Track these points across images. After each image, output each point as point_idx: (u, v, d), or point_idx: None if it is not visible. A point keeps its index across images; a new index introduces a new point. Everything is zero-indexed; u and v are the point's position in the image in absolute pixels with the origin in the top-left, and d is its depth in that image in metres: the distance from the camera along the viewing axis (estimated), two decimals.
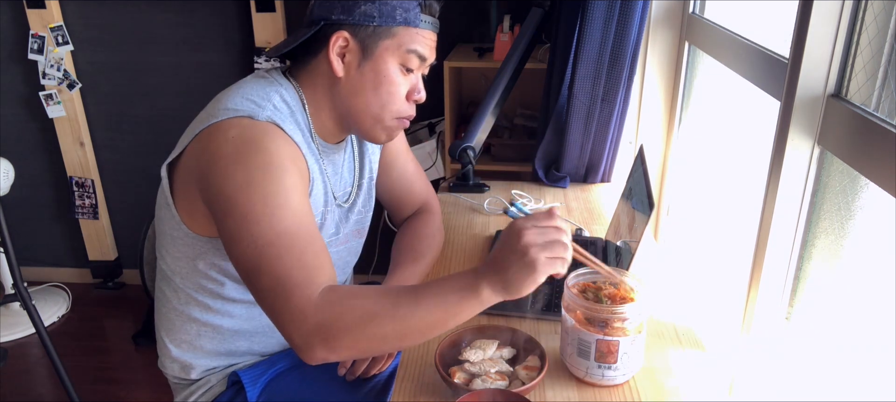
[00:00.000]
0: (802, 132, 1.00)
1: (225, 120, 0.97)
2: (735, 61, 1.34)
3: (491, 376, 0.98)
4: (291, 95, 1.07)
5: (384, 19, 1.02)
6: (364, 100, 1.07)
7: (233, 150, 0.95)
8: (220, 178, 0.94)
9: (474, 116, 1.73)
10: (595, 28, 1.54)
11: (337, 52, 1.03)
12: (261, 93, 1.03)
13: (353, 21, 1.02)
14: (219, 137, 0.97)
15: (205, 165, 0.97)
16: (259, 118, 0.98)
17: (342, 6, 1.02)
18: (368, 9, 1.01)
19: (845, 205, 0.97)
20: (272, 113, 1.00)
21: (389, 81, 1.06)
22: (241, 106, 0.99)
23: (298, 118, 1.06)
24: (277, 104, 1.03)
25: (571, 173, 1.78)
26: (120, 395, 2.25)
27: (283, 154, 0.97)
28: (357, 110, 1.08)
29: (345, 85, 1.06)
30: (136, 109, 2.63)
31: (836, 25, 0.93)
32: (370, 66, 1.04)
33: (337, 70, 1.04)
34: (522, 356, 1.04)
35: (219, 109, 1.00)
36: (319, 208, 1.11)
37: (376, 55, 1.04)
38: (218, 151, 0.96)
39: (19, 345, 2.51)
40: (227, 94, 1.04)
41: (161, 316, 1.18)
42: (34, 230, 2.86)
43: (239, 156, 0.94)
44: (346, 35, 1.02)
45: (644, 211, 1.13)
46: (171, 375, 1.20)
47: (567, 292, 1.00)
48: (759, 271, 1.08)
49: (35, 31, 2.47)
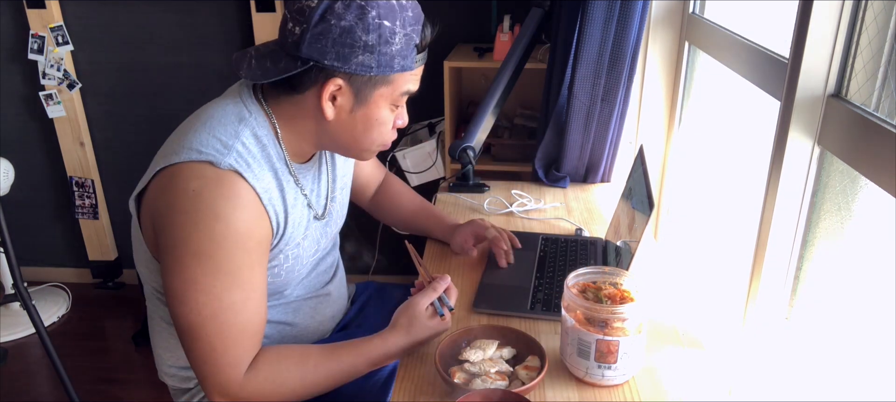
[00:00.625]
0: (802, 132, 1.00)
1: (187, 165, 0.93)
2: (735, 61, 1.34)
3: (491, 376, 0.98)
4: (264, 127, 1.02)
5: (382, 69, 0.97)
6: (353, 138, 1.04)
7: (191, 208, 0.92)
8: (174, 235, 0.93)
9: (474, 116, 1.73)
10: (595, 28, 1.54)
11: (328, 98, 0.98)
12: (230, 130, 0.97)
13: (349, 70, 0.95)
14: (178, 185, 0.93)
15: (162, 212, 0.95)
16: (221, 166, 0.93)
17: (337, 53, 0.93)
18: (366, 59, 0.95)
19: (845, 205, 0.97)
20: (236, 159, 0.95)
21: (380, 122, 1.03)
22: (205, 148, 0.94)
23: (271, 152, 1.02)
24: (246, 144, 0.98)
25: (571, 173, 1.78)
26: (120, 395, 2.25)
27: (241, 225, 0.94)
28: (343, 144, 1.06)
29: (333, 125, 1.02)
30: (136, 109, 2.62)
31: (836, 25, 0.93)
32: (362, 112, 1.01)
33: (328, 114, 0.99)
34: (522, 355, 1.04)
35: (183, 146, 0.95)
36: (298, 236, 1.09)
37: (371, 102, 1.00)
38: (176, 203, 0.93)
39: (19, 345, 2.51)
40: (194, 125, 0.99)
41: (153, 327, 1.19)
42: (34, 230, 2.86)
43: (196, 219, 0.92)
44: (340, 82, 0.96)
45: (644, 211, 1.13)
46: (170, 384, 1.22)
47: (567, 292, 1.00)
48: (758, 270, 1.08)
49: (35, 31, 2.46)
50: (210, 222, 0.92)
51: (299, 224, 1.08)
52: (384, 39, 0.94)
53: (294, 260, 1.10)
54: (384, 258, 2.63)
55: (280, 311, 1.17)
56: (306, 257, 1.14)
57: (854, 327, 0.97)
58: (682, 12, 1.73)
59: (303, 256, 1.12)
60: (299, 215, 1.08)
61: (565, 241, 1.44)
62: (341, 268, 1.35)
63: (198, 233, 0.92)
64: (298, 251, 1.10)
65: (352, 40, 0.93)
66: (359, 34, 0.93)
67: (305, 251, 1.13)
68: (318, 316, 1.24)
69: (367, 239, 2.56)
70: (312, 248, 1.15)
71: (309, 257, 1.15)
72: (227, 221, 0.93)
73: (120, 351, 2.49)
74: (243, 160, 0.96)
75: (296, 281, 1.16)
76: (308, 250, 1.14)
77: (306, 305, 1.21)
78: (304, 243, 1.12)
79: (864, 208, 0.94)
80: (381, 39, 0.94)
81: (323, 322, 1.26)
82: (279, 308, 1.17)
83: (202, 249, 0.92)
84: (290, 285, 1.15)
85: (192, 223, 0.92)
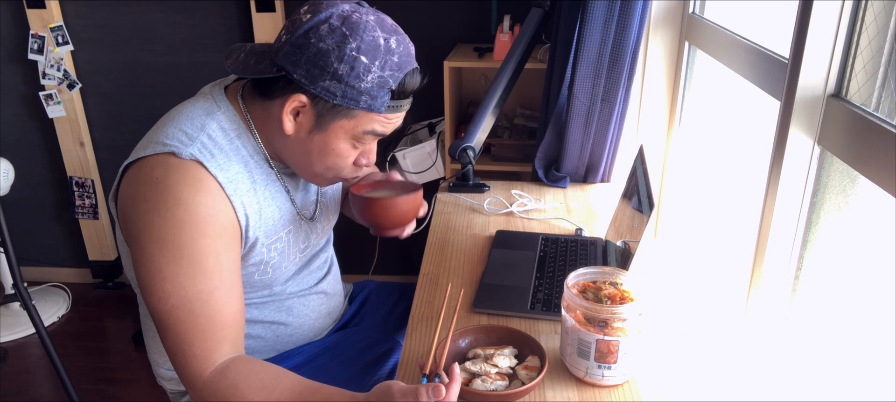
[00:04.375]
0: (802, 132, 1.00)
1: (151, 157, 0.95)
2: (735, 61, 1.34)
3: (491, 376, 0.98)
4: (234, 120, 1.02)
5: (346, 102, 0.96)
6: (307, 160, 1.03)
7: (152, 195, 0.93)
8: (138, 223, 0.94)
9: (474, 116, 1.73)
10: (595, 28, 1.54)
11: (290, 111, 0.98)
12: (196, 123, 0.99)
13: (314, 91, 0.95)
14: (144, 175, 0.95)
15: (128, 204, 0.97)
16: (183, 156, 0.94)
17: (307, 71, 0.94)
18: (332, 86, 0.95)
19: (845, 205, 0.97)
20: (199, 149, 0.96)
21: (336, 154, 1.02)
22: (169, 140, 0.96)
23: (242, 143, 1.02)
24: (212, 136, 0.99)
25: (571, 173, 1.78)
26: (120, 395, 2.25)
27: (202, 211, 0.94)
28: (297, 162, 1.06)
29: (292, 141, 1.02)
30: (136, 109, 2.62)
31: (836, 25, 0.93)
32: (320, 137, 1.00)
33: (287, 128, 0.99)
34: (523, 355, 1.04)
35: (150, 141, 0.98)
36: (279, 231, 1.08)
37: (329, 130, 0.99)
38: (139, 192, 0.95)
39: (19, 345, 2.51)
40: (164, 121, 1.01)
41: (147, 331, 1.19)
42: (34, 230, 2.85)
43: (158, 205, 0.93)
44: (303, 100, 0.96)
45: (644, 211, 1.13)
46: (167, 388, 1.22)
47: (567, 292, 1.00)
48: (759, 270, 1.08)
49: (35, 31, 2.46)
50: (171, 208, 0.93)
51: (278, 218, 1.08)
52: (356, 74, 0.94)
53: (280, 256, 1.10)
54: (383, 257, 2.63)
55: (273, 309, 1.17)
56: (294, 252, 1.14)
57: (854, 326, 0.97)
58: (682, 12, 1.73)
59: (289, 252, 1.12)
60: (278, 209, 1.08)
61: (565, 241, 1.44)
62: (335, 265, 1.34)
63: (159, 219, 0.93)
64: (284, 247, 1.10)
65: (323, 63, 0.93)
66: (332, 60, 0.93)
67: (292, 247, 1.13)
68: (313, 314, 1.24)
69: (366, 238, 2.56)
70: (301, 244, 1.15)
71: (297, 253, 1.15)
72: (187, 206, 0.93)
73: (120, 351, 2.49)
74: (207, 151, 0.97)
75: (285, 277, 1.15)
76: (296, 246, 1.14)
77: (299, 303, 1.21)
78: (290, 238, 1.11)
79: (864, 208, 0.94)
80: (352, 73, 0.94)
81: (318, 320, 1.25)
82: (272, 306, 1.16)
83: (165, 235, 0.93)
84: (279, 281, 1.15)
85: (153, 209, 0.93)
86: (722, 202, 1.53)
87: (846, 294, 0.99)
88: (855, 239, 0.96)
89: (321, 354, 1.23)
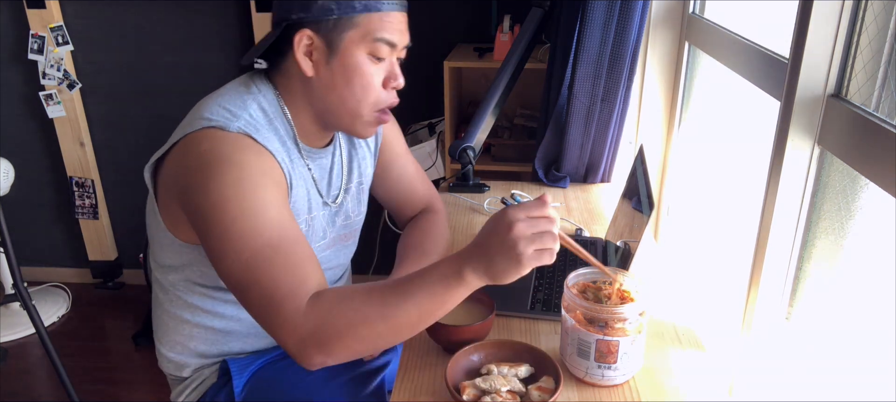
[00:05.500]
0: (802, 132, 0.99)
1: (199, 131, 0.97)
2: (735, 61, 1.34)
3: (502, 394, 0.94)
4: (271, 102, 1.05)
5: (343, 10, 0.98)
6: (338, 96, 1.04)
7: (205, 164, 0.94)
8: (196, 194, 0.94)
9: (474, 116, 1.73)
10: (595, 28, 1.54)
11: (303, 52, 1.00)
12: (237, 102, 1.01)
13: (313, 17, 0.98)
14: (192, 150, 0.97)
15: (182, 179, 0.97)
16: (231, 129, 0.97)
17: (300, 4, 0.98)
18: (325, 3, 0.97)
19: (845, 205, 0.97)
20: (245, 124, 0.98)
21: (360, 73, 1.02)
22: (215, 116, 0.98)
23: (277, 125, 1.05)
24: (253, 113, 1.01)
25: (571, 173, 1.78)
26: (120, 395, 2.25)
27: (254, 167, 0.95)
28: (333, 107, 1.06)
29: (317, 83, 1.03)
30: (136, 109, 2.63)
31: (836, 25, 0.93)
32: (338, 61, 1.01)
33: (306, 70, 1.01)
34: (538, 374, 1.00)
35: (195, 118, 0.99)
36: (303, 213, 1.09)
37: (342, 49, 1.00)
38: (192, 165, 0.96)
39: (19, 345, 2.51)
40: (206, 102, 1.03)
41: (156, 317, 1.19)
42: (34, 230, 2.86)
43: (211, 172, 0.93)
44: (309, 33, 0.99)
45: (644, 211, 1.13)
46: (167, 372, 1.23)
47: (567, 292, 1.00)
48: (759, 271, 1.08)
49: (35, 31, 2.47)
50: (225, 169, 0.93)
51: (303, 200, 1.09)
52: None
53: None
54: (383, 257, 2.63)
55: None
56: (315, 239, 1.14)
57: (854, 327, 0.97)
58: (682, 12, 1.73)
59: (311, 237, 1.12)
60: (305, 192, 1.09)
61: None
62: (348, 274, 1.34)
63: (215, 182, 0.93)
64: (306, 229, 1.11)
65: None
66: None
67: (314, 234, 1.13)
68: None
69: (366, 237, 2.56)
70: (321, 232, 1.16)
71: (317, 242, 1.15)
72: (240, 165, 0.94)
73: (120, 351, 2.50)
74: (252, 126, 1.00)
75: None
76: (316, 235, 1.14)
77: None
78: (313, 224, 1.12)
79: (864, 208, 0.94)
80: None
81: None
82: None
83: (223, 196, 0.92)
84: None
85: (208, 176, 0.93)
86: (722, 202, 1.53)
87: (846, 294, 0.99)
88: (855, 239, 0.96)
89: None
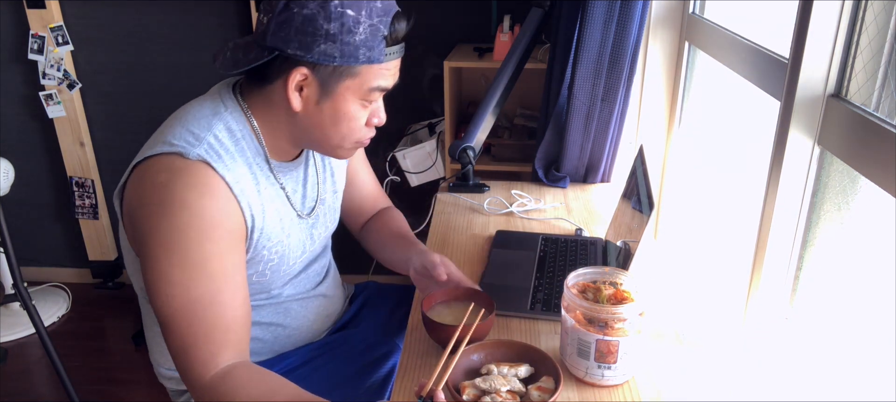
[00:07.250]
0: (802, 132, 1.00)
1: (158, 157, 0.95)
2: (735, 61, 1.34)
3: (502, 394, 0.94)
4: (240, 121, 1.03)
5: (346, 60, 0.95)
6: (322, 133, 1.03)
7: (158, 202, 0.93)
8: (145, 228, 0.94)
9: (474, 116, 1.73)
10: (595, 28, 1.54)
11: (295, 88, 0.98)
12: (203, 123, 0.99)
13: (312, 59, 0.95)
14: (149, 179, 0.95)
15: (135, 207, 0.96)
16: (190, 157, 0.95)
17: (299, 41, 0.94)
18: (328, 48, 0.94)
19: (845, 205, 0.97)
20: (206, 150, 0.96)
21: (348, 117, 1.02)
22: (176, 140, 0.96)
23: (245, 146, 1.02)
24: (219, 136, 0.99)
25: (571, 173, 1.78)
26: (120, 395, 2.25)
27: (206, 215, 0.94)
28: (314, 140, 1.05)
29: (302, 118, 1.02)
30: (136, 109, 2.62)
31: (836, 25, 0.93)
32: (330, 104, 1.00)
33: (294, 105, 0.99)
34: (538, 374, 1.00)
35: (157, 141, 0.98)
36: (278, 235, 1.08)
37: (337, 94, 0.99)
38: (145, 195, 0.95)
39: (19, 345, 2.51)
40: (171, 121, 1.02)
41: (148, 330, 1.19)
42: (34, 230, 2.85)
43: (163, 210, 0.93)
44: (304, 72, 0.96)
45: (644, 211, 1.13)
46: (168, 386, 1.23)
47: (567, 292, 1.00)
48: (759, 270, 1.08)
49: (35, 31, 2.46)
50: (177, 212, 0.92)
51: (278, 220, 1.08)
52: (347, 29, 0.93)
53: (279, 259, 1.10)
54: None
55: (270, 311, 1.17)
56: (293, 256, 1.13)
57: (854, 326, 0.97)
58: (682, 12, 1.73)
59: (289, 255, 1.12)
60: (277, 211, 1.07)
61: (565, 241, 1.44)
62: (333, 269, 1.34)
63: (165, 223, 0.92)
64: (283, 250, 1.10)
65: (313, 28, 0.93)
66: (320, 22, 0.93)
67: (291, 251, 1.12)
68: (312, 316, 1.24)
69: None
70: (299, 248, 1.15)
71: (296, 257, 1.14)
72: (192, 210, 0.93)
73: (120, 351, 2.49)
74: (214, 151, 0.97)
75: (283, 280, 1.15)
76: (295, 250, 1.13)
77: (297, 305, 1.21)
78: (289, 241, 1.11)
79: (864, 208, 0.94)
80: (343, 28, 0.93)
81: (316, 322, 1.25)
82: (269, 308, 1.16)
83: (170, 239, 0.92)
84: (276, 284, 1.14)
85: (159, 214, 0.93)
86: (722, 202, 1.53)
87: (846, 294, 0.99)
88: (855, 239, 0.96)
89: (320, 354, 1.23)
